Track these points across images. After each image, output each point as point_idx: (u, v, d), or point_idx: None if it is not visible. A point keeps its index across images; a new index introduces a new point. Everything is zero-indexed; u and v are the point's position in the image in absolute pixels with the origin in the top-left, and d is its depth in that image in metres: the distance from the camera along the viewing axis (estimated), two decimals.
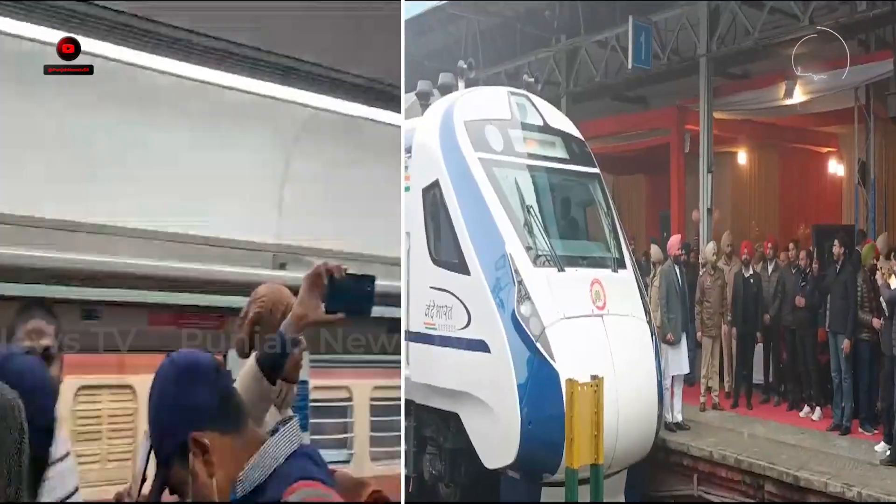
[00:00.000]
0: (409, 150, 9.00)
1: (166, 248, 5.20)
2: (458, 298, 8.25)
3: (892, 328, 8.54)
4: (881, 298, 8.82)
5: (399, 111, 5.40)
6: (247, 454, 2.03)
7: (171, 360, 2.14)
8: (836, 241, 9.89)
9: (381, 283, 3.70)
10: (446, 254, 8.51)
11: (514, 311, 7.89)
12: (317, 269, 2.79)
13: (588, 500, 7.15)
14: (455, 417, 8.33)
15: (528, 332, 7.82)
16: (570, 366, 7.58)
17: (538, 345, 7.79)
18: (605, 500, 7.30)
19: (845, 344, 9.44)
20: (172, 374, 2.12)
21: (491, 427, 7.89)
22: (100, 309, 5.13)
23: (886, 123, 11.84)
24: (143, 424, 2.45)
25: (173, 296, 5.12)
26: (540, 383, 7.67)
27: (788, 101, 12.35)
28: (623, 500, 8.41)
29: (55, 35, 4.17)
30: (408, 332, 8.48)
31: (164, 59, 4.38)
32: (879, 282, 8.88)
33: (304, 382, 5.14)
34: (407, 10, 13.32)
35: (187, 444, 2.02)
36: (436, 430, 8.77)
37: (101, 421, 6.14)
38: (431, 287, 8.48)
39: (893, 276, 8.69)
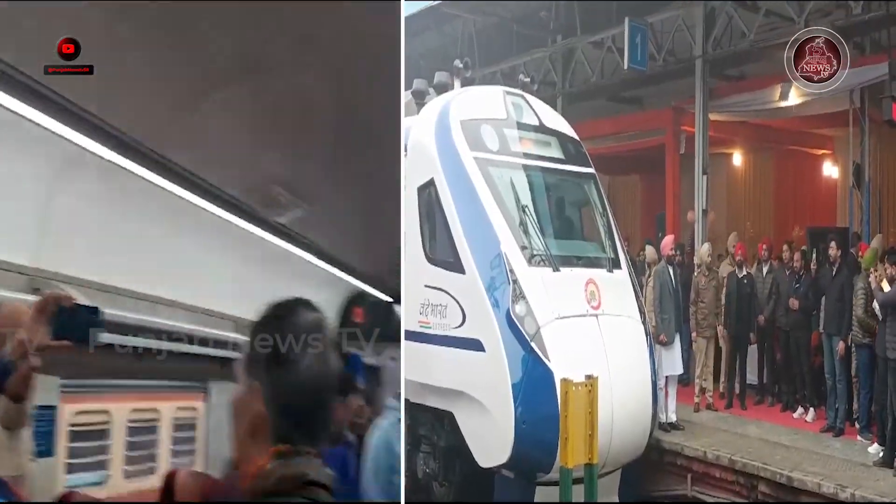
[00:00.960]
0: (404, 149, 9.00)
1: None
2: (452, 297, 8.26)
3: (886, 331, 8.55)
4: (873, 302, 8.84)
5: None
6: None
7: None
8: (832, 244, 9.89)
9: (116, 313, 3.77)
10: (441, 252, 8.51)
11: (508, 310, 7.91)
12: (45, 297, 2.97)
13: (582, 500, 7.15)
14: (449, 416, 8.34)
15: (523, 332, 7.83)
16: (564, 365, 7.59)
17: (533, 344, 7.80)
18: (599, 500, 7.30)
19: (840, 346, 9.45)
20: None
21: (485, 426, 7.89)
22: None
23: (881, 126, 11.83)
24: None
25: None
26: (534, 383, 7.68)
27: (784, 104, 12.34)
28: (617, 499, 8.41)
29: None
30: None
31: None
32: (873, 285, 8.89)
33: (51, 407, 5.36)
34: (404, 9, 13.30)
35: None
36: (430, 428, 8.78)
37: None
38: (426, 286, 8.48)
39: (885, 279, 8.72)
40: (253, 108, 5.04)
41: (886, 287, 8.60)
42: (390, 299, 10.75)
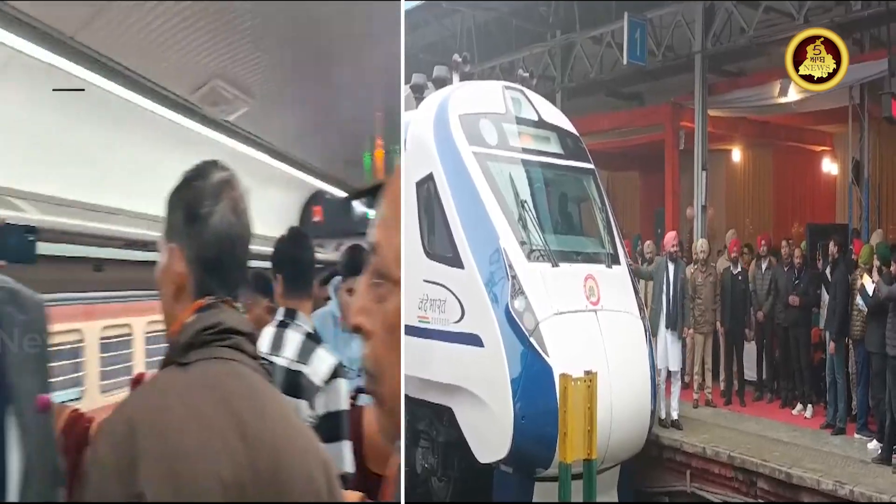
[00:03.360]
0: (403, 144, 8.99)
1: None
2: (451, 292, 8.23)
3: (887, 327, 8.52)
4: (859, 296, 8.83)
5: None
6: None
7: None
8: (832, 241, 9.89)
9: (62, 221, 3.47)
10: (440, 247, 8.48)
11: (507, 305, 7.88)
12: None
13: (581, 495, 7.14)
14: (448, 411, 8.31)
15: (522, 327, 7.80)
16: (563, 361, 7.56)
17: (532, 339, 7.77)
18: (598, 496, 7.29)
19: (831, 345, 9.51)
20: None
21: (484, 421, 7.87)
22: None
23: (880, 123, 11.81)
24: None
25: None
26: (533, 378, 7.65)
27: (783, 100, 12.33)
28: (616, 495, 8.40)
29: None
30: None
31: None
32: (870, 285, 8.86)
33: None
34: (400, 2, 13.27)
35: None
36: (429, 423, 8.75)
37: None
38: (425, 280, 8.45)
39: (867, 276, 8.76)
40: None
41: (870, 285, 8.63)
42: (347, 195, 10.77)
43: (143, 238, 6.51)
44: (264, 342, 4.03)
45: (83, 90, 4.75)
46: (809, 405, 10.36)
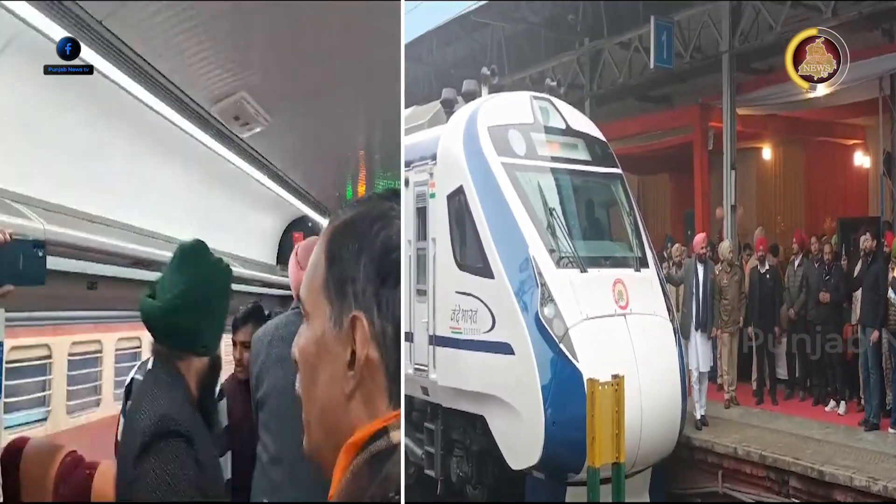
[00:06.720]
0: (434, 158, 9.20)
1: None
2: (482, 302, 8.41)
3: None
4: (891, 290, 8.84)
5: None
6: None
7: None
8: (868, 234, 9.89)
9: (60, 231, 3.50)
10: (471, 258, 8.68)
11: (537, 312, 8.03)
12: None
13: (611, 499, 7.27)
14: (481, 420, 8.49)
15: (552, 334, 7.95)
16: (593, 366, 7.70)
17: (561, 346, 7.92)
18: (630, 499, 7.42)
19: (874, 335, 9.45)
20: None
21: (516, 428, 8.04)
22: None
23: None
24: None
25: None
26: (563, 384, 7.80)
27: (812, 95, 12.28)
28: (648, 498, 8.51)
29: None
30: (434, 337, 8.68)
31: None
32: None
33: None
34: (430, 20, 13.50)
35: None
36: (462, 432, 8.95)
37: None
38: (457, 292, 8.65)
39: None
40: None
41: None
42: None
43: (149, 256, 6.31)
44: None
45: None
46: (842, 402, 10.36)
